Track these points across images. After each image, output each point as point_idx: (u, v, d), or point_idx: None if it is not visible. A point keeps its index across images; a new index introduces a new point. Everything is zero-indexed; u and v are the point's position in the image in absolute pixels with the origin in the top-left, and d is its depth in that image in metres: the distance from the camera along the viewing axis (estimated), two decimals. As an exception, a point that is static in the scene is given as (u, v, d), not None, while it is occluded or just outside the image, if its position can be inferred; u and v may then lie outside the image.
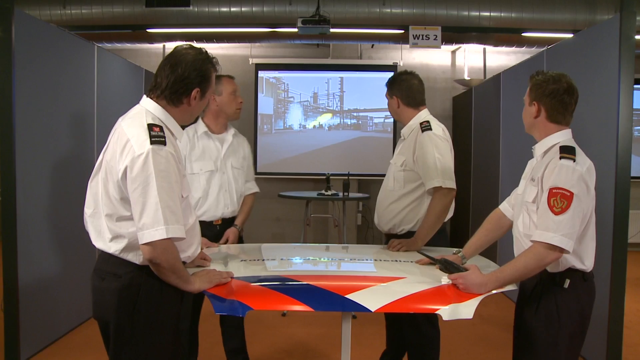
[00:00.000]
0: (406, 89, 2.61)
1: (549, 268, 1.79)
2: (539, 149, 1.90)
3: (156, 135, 1.59)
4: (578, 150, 1.80)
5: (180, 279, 1.67)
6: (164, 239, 1.55)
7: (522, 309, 1.92)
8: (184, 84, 1.69)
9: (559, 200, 1.70)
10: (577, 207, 1.71)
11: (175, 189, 1.61)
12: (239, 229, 2.77)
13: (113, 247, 1.64)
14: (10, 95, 2.91)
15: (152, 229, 1.55)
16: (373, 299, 1.71)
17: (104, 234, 1.66)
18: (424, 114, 2.63)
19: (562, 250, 1.70)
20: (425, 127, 2.53)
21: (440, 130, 2.56)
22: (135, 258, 1.65)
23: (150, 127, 1.60)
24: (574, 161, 1.74)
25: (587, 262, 1.81)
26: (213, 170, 2.69)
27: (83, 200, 1.73)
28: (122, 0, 5.32)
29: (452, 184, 2.45)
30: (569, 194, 1.70)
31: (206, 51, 1.77)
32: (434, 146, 2.47)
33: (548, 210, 1.71)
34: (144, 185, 1.55)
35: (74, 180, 3.53)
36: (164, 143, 1.59)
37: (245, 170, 2.85)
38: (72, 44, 3.68)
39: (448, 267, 1.94)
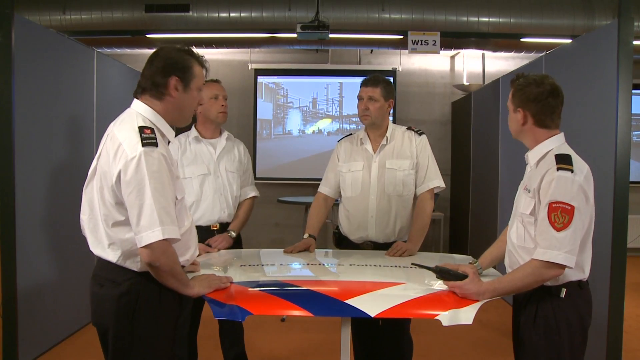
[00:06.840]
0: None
1: (547, 282, 1.73)
2: (532, 157, 1.83)
3: (147, 137, 1.60)
4: (574, 157, 1.73)
5: (179, 282, 1.67)
6: (161, 240, 1.56)
7: (518, 318, 1.86)
8: (160, 75, 1.69)
9: (560, 215, 1.64)
10: (579, 221, 1.65)
11: (168, 190, 1.61)
12: (231, 235, 2.68)
13: (111, 255, 1.64)
14: (9, 100, 2.90)
15: (149, 230, 1.55)
16: (373, 304, 1.71)
17: (102, 241, 1.66)
18: None
19: (563, 267, 1.65)
20: None
21: None
22: (134, 265, 1.65)
23: (142, 129, 1.61)
24: (572, 171, 1.66)
25: (586, 271, 1.76)
26: (206, 173, 2.68)
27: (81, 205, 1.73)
28: (122, 5, 5.33)
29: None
30: (569, 207, 1.64)
31: (189, 49, 1.76)
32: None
33: (549, 227, 1.64)
34: (139, 188, 1.56)
35: (73, 185, 3.50)
36: (155, 145, 1.60)
37: (241, 175, 2.82)
38: (71, 49, 3.68)
39: (444, 274, 1.92)
